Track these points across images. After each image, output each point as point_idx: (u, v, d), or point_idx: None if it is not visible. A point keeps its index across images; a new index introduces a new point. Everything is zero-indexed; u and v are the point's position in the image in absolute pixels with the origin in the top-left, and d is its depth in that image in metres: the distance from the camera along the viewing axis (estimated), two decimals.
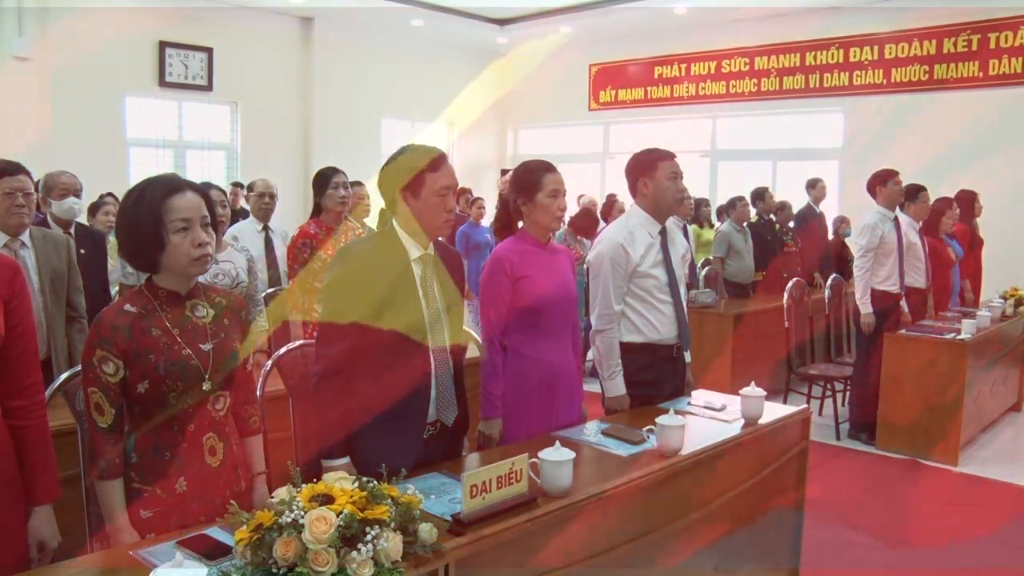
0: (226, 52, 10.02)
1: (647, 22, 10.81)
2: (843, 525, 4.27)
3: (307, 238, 4.39)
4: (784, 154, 10.59)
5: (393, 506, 1.72)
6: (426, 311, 2.47)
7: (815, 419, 3.73)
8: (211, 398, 2.12)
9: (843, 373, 6.15)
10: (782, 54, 10.41)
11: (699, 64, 11.21)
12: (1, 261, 1.99)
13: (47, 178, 4.27)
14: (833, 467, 5.29)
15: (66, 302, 3.55)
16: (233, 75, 10.08)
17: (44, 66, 8.53)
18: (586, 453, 2.61)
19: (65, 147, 7.92)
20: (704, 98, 11.20)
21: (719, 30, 10.72)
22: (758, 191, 7.95)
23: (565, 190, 2.97)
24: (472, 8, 10.86)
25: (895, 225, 5.65)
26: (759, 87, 10.66)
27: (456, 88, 12.40)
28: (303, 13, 10.63)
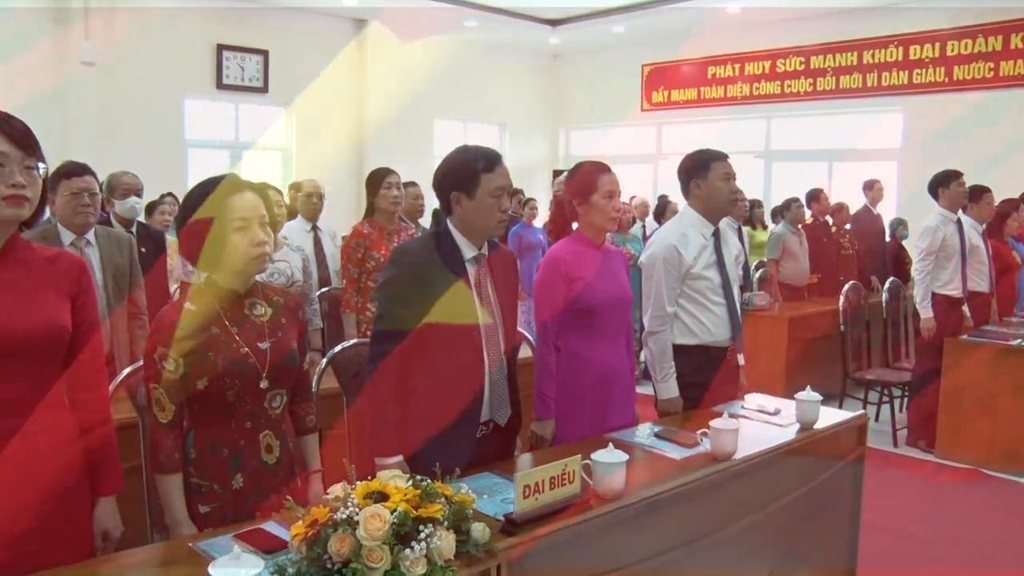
0: (281, 54, 10.16)
1: (700, 22, 10.70)
2: (901, 534, 4.19)
3: (360, 238, 4.44)
4: (840, 155, 10.41)
5: (447, 505, 1.73)
6: (480, 311, 2.48)
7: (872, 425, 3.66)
8: (268, 396, 2.15)
9: (901, 378, 6.03)
10: (839, 53, 10.23)
11: (753, 64, 11.08)
12: (69, 259, 2.04)
13: (111, 178, 4.37)
14: (891, 475, 5.19)
15: (128, 299, 3.64)
16: (288, 77, 10.22)
17: (107, 71, 8.75)
18: (638, 455, 2.59)
19: (126, 148, 8.10)
20: (758, 98, 11.06)
21: (774, 29, 10.58)
22: (813, 192, 7.83)
23: (620, 191, 2.96)
24: (524, 9, 10.87)
25: (958, 227, 5.52)
26: (815, 87, 10.49)
27: (508, 89, 12.42)
28: (357, 15, 10.74)
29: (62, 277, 1.97)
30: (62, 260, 2.01)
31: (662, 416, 3.23)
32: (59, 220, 3.42)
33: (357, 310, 4.38)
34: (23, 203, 1.83)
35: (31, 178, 1.84)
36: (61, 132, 7.76)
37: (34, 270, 1.92)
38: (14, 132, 1.83)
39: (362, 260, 4.40)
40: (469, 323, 2.45)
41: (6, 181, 1.79)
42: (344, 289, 4.49)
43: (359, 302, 4.38)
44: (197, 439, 2.11)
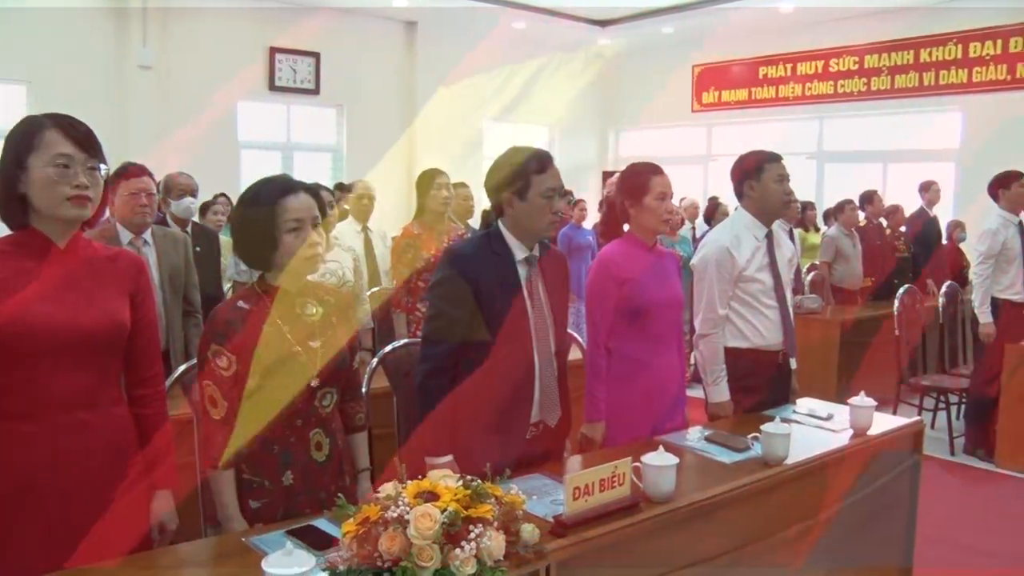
0: (333, 56, 10.27)
1: (751, 21, 10.59)
2: (958, 545, 4.09)
3: (410, 238, 4.47)
4: (895, 156, 10.21)
5: (497, 505, 1.73)
6: (531, 312, 2.48)
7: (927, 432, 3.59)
8: (318, 394, 2.18)
9: (958, 385, 5.89)
10: (894, 51, 10.03)
11: (806, 64, 10.92)
12: (128, 258, 2.09)
13: (167, 179, 4.46)
14: (947, 483, 5.08)
15: (183, 297, 3.71)
16: (339, 79, 10.32)
17: (163, 74, 8.95)
18: (689, 459, 2.57)
19: (181, 150, 8.25)
20: (811, 98, 10.90)
21: (827, 28, 10.41)
22: (867, 194, 7.69)
23: (672, 193, 2.94)
24: (573, 10, 10.85)
25: (1019, 230, 5.39)
26: (869, 86, 10.30)
27: (558, 90, 12.39)
28: (407, 17, 10.81)
29: (122, 275, 2.02)
30: (122, 259, 2.06)
31: (712, 419, 3.20)
32: (118, 220, 3.50)
33: (407, 310, 4.41)
34: (86, 203, 1.87)
35: (93, 179, 1.89)
36: (119, 134, 7.93)
37: (95, 268, 1.97)
38: (78, 135, 1.88)
39: (412, 260, 4.43)
40: (520, 324, 2.46)
41: (70, 182, 1.84)
42: (394, 289, 4.52)
43: (409, 302, 4.41)
44: None
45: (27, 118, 1.90)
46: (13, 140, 1.87)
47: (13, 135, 1.88)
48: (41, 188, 1.84)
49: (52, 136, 1.85)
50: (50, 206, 1.85)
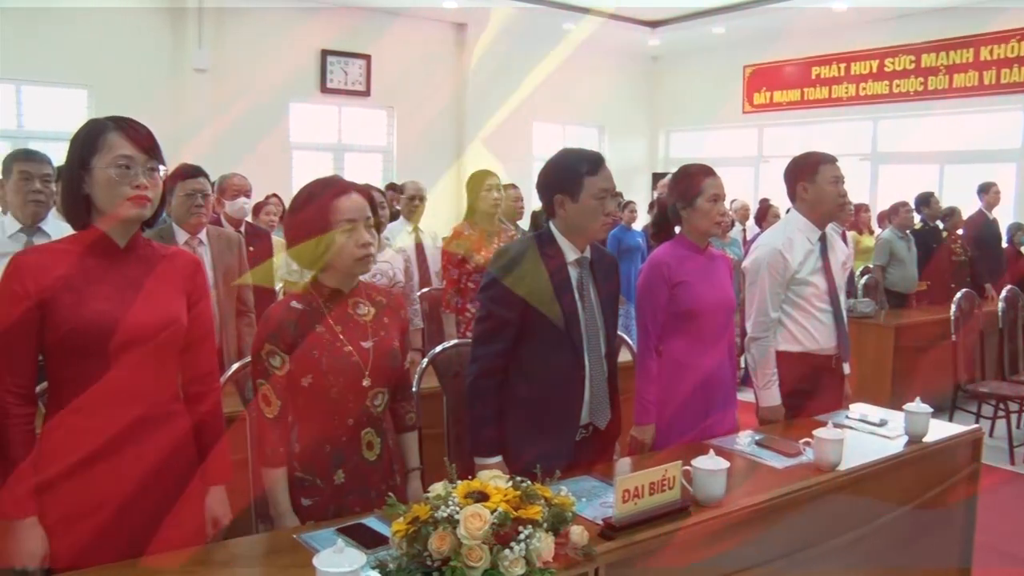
0: (383, 58, 10.36)
1: (804, 21, 10.45)
2: (1019, 559, 3.98)
3: (461, 239, 4.47)
4: (953, 157, 9.99)
5: (546, 507, 1.73)
6: (582, 314, 2.48)
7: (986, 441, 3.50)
8: (370, 394, 2.19)
9: (1018, 392, 5.74)
10: (953, 50, 9.81)
11: (860, 63, 10.74)
12: (185, 257, 2.13)
13: (221, 180, 4.53)
14: (1008, 494, 4.95)
15: (236, 297, 3.77)
16: (390, 80, 10.41)
17: (218, 76, 9.13)
18: (739, 463, 2.55)
19: (234, 151, 8.40)
20: (865, 98, 10.72)
21: (882, 27, 10.22)
22: (923, 196, 7.54)
23: (725, 195, 2.92)
24: (623, 10, 10.80)
25: None
26: (926, 85, 10.09)
27: (607, 91, 12.36)
28: (457, 19, 10.87)
29: (179, 274, 2.05)
30: (179, 258, 2.10)
31: (763, 424, 3.17)
32: (174, 220, 3.56)
33: (457, 310, 4.43)
34: (146, 203, 1.91)
35: (153, 180, 1.93)
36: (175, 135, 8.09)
37: (154, 267, 2.01)
38: (139, 137, 1.92)
39: (462, 261, 4.44)
40: (570, 326, 2.46)
41: (131, 182, 1.88)
42: (444, 290, 4.54)
43: (459, 303, 4.43)
44: (301, 434, 2.17)
45: (91, 121, 1.96)
46: (78, 142, 1.92)
47: (78, 137, 1.93)
48: (103, 188, 1.88)
49: (114, 138, 1.89)
50: (112, 206, 1.89)
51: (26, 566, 1.87)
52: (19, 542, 1.87)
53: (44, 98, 8.68)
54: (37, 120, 8.62)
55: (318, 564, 1.58)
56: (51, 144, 7.02)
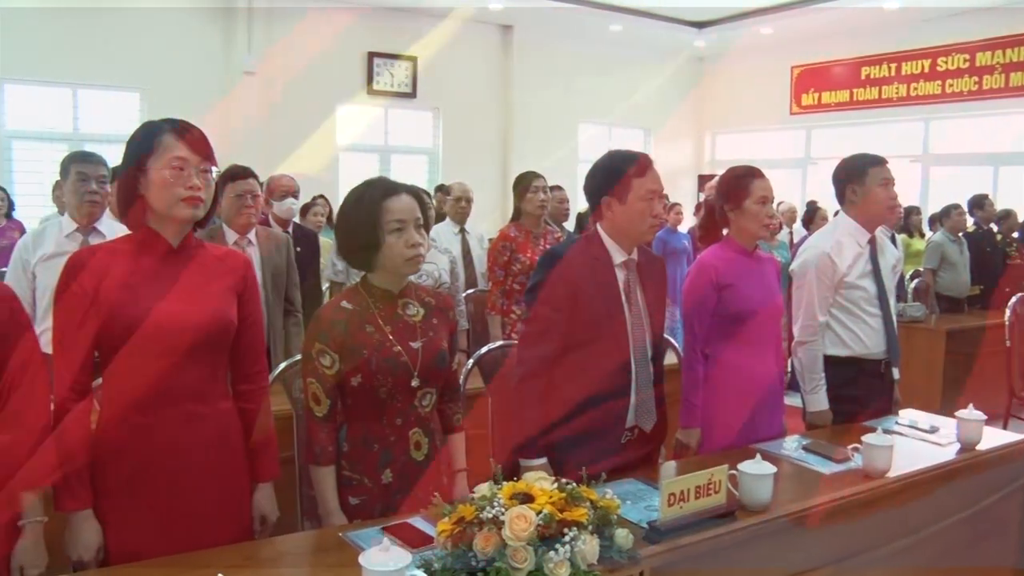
0: (430, 60, 10.43)
1: (854, 20, 10.29)
2: None
3: (507, 241, 4.50)
4: (1008, 158, 9.77)
5: (591, 509, 1.73)
6: (628, 316, 2.47)
7: None
8: (418, 394, 2.21)
9: None
10: (1010, 48, 9.58)
11: (911, 63, 10.55)
12: (236, 257, 2.16)
13: (270, 181, 4.59)
14: None
15: (284, 296, 3.81)
16: (436, 82, 10.47)
17: (267, 79, 9.26)
18: (786, 468, 2.52)
19: (282, 152, 8.52)
20: (916, 99, 10.53)
21: (935, 25, 10.03)
22: (977, 199, 7.38)
23: (773, 197, 2.89)
24: (670, 11, 10.74)
25: None
26: (980, 85, 9.89)
27: (653, 92, 12.30)
28: (503, 21, 10.89)
29: (230, 274, 2.09)
30: (230, 258, 2.14)
31: (810, 429, 3.13)
32: (224, 220, 3.61)
33: (502, 312, 4.44)
34: (199, 204, 1.95)
35: (205, 181, 1.97)
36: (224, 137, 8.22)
37: (205, 267, 2.05)
38: (192, 139, 1.96)
39: (508, 263, 4.46)
40: (617, 328, 2.45)
41: (184, 183, 1.92)
42: (490, 291, 4.56)
43: (504, 304, 4.44)
44: (350, 433, 2.19)
45: (146, 123, 2.00)
46: (134, 144, 1.97)
47: (134, 139, 1.98)
48: (158, 189, 1.92)
49: (168, 140, 1.93)
50: (166, 206, 1.93)
51: (82, 557, 1.92)
52: (75, 534, 1.92)
53: (99, 101, 8.89)
54: (92, 123, 8.84)
55: (364, 562, 1.59)
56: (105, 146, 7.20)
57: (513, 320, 4.40)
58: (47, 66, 8.36)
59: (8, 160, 8.43)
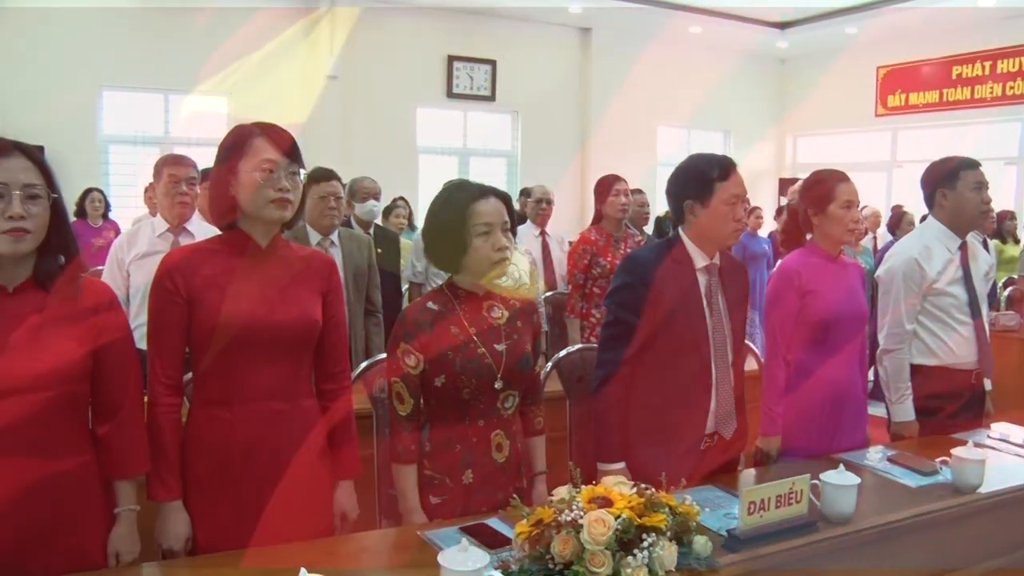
0: (509, 63, 10.48)
1: (945, 18, 9.96)
2: None
3: (587, 244, 4.50)
4: None
5: (670, 515, 1.72)
6: (710, 321, 2.44)
7: None
8: (501, 396, 2.22)
9: None
10: None
11: (1007, 61, 10.15)
12: (321, 258, 2.21)
13: (352, 183, 4.68)
14: None
15: (365, 297, 3.88)
16: (515, 85, 10.52)
17: (348, 83, 9.43)
18: (869, 479, 2.45)
19: (363, 155, 8.67)
20: (1012, 99, 10.13)
21: None
22: None
23: (859, 201, 2.83)
24: (752, 12, 10.58)
25: None
26: None
27: (733, 94, 12.11)
28: (582, 23, 10.87)
29: (315, 275, 2.13)
30: (315, 259, 2.18)
31: (895, 440, 3.04)
32: (307, 221, 3.69)
33: (581, 315, 4.44)
34: (287, 206, 2.00)
35: (294, 183, 2.02)
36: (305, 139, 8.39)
37: (292, 267, 2.10)
38: (281, 141, 2.01)
39: (588, 266, 4.46)
40: (698, 333, 2.43)
41: (274, 185, 1.97)
42: (569, 294, 4.56)
43: (583, 307, 4.44)
44: (432, 433, 2.21)
45: (238, 127, 2.06)
46: (226, 147, 2.03)
47: (226, 142, 2.04)
48: (248, 191, 1.98)
49: (259, 143, 1.99)
50: (256, 208, 1.99)
51: (171, 546, 1.99)
52: (166, 524, 1.99)
53: (188, 106, 9.18)
54: (182, 127, 9.13)
55: (443, 562, 1.61)
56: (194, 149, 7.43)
57: (592, 323, 4.40)
58: (141, 73, 8.69)
59: (105, 163, 8.78)
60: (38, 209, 1.75)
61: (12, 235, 1.72)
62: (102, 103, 8.77)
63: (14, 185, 1.72)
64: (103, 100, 8.77)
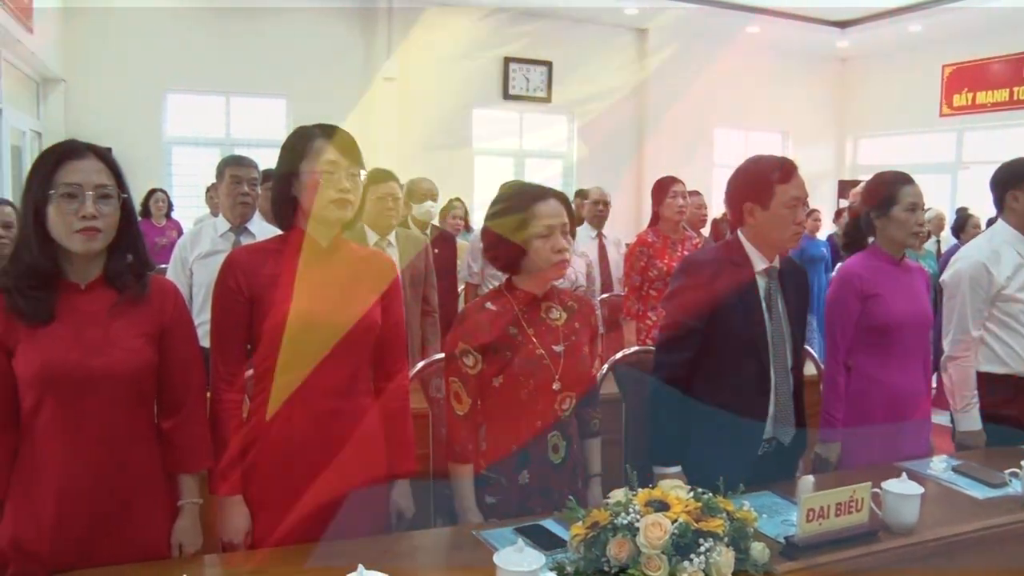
0: (565, 65, 10.48)
1: (1014, 14, 9.65)
2: None
3: (644, 246, 4.47)
4: None
5: (728, 520, 1.70)
6: (769, 325, 2.41)
7: None
8: (559, 397, 2.23)
9: None
10: None
11: None
12: (381, 259, 2.24)
13: (410, 184, 4.71)
14: None
15: (422, 297, 3.90)
16: (571, 87, 10.50)
17: (405, 84, 9.53)
18: (933, 489, 2.38)
19: (420, 156, 8.74)
20: None
21: None
22: None
23: (924, 203, 2.77)
24: (812, 11, 10.42)
25: None
26: None
27: (792, 95, 11.94)
28: (638, 24, 10.82)
29: (375, 275, 2.16)
30: (375, 259, 2.21)
31: (961, 449, 2.96)
32: (365, 222, 3.72)
33: (637, 317, 4.42)
34: (348, 206, 2.03)
35: (354, 184, 2.04)
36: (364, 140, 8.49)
37: (352, 267, 2.12)
38: (342, 143, 2.04)
39: (645, 268, 4.44)
40: (756, 337, 2.40)
41: (335, 186, 2.00)
42: (625, 296, 4.55)
43: (640, 310, 4.42)
44: (489, 433, 2.23)
45: (299, 129, 2.09)
46: (288, 148, 2.07)
47: (288, 144, 2.07)
48: (310, 192, 2.01)
49: (320, 145, 2.02)
50: (317, 208, 2.02)
51: (232, 539, 2.03)
52: (227, 518, 2.03)
53: (248, 108, 9.36)
54: (242, 128, 9.31)
55: (499, 562, 1.61)
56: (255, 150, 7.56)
57: (648, 326, 4.38)
58: (203, 76, 8.90)
59: (168, 164, 9.01)
60: (109, 209, 1.81)
61: (85, 234, 1.77)
62: (166, 105, 9.00)
63: (87, 186, 1.78)
64: (167, 103, 9.00)
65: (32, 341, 1.78)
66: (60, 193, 1.76)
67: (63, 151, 1.81)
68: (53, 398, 1.79)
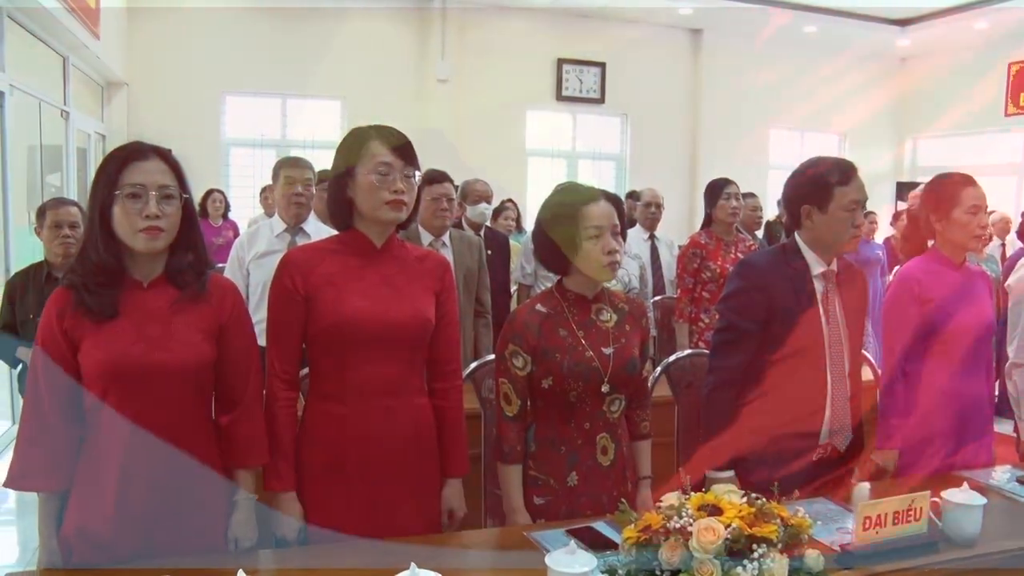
0: (618, 66, 10.45)
1: None
2: None
3: (697, 248, 4.44)
4: None
5: (782, 527, 1.68)
6: (826, 329, 2.38)
7: None
8: (608, 400, 2.22)
9: None
10: None
11: None
12: (435, 259, 2.25)
13: (464, 185, 4.74)
14: None
15: (475, 298, 3.92)
16: (624, 87, 10.48)
17: (458, 86, 9.59)
18: (995, 500, 2.32)
19: (473, 157, 8.76)
20: None
21: None
22: None
23: (987, 206, 2.69)
24: (871, 10, 10.23)
25: None
26: None
27: (848, 95, 11.72)
28: (693, 24, 10.75)
29: (429, 275, 2.17)
30: (429, 259, 2.22)
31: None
32: (420, 222, 3.76)
33: (690, 320, 4.39)
34: (402, 207, 2.05)
35: (409, 184, 2.06)
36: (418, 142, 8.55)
37: (406, 267, 2.14)
38: (397, 145, 2.06)
39: (698, 270, 4.40)
40: (813, 341, 2.37)
41: (389, 187, 2.02)
42: (678, 298, 4.52)
43: (692, 312, 4.39)
44: (538, 434, 2.23)
45: (355, 130, 2.12)
46: (343, 150, 2.09)
47: (343, 145, 2.10)
48: (365, 192, 2.03)
49: (375, 146, 2.04)
50: (371, 209, 2.04)
51: (285, 535, 2.06)
52: (280, 513, 2.06)
53: (304, 110, 9.50)
54: (298, 130, 9.45)
55: (551, 563, 1.61)
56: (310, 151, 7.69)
57: (701, 328, 4.34)
58: (260, 78, 9.06)
59: (226, 165, 9.20)
60: (171, 209, 1.85)
61: (148, 233, 1.82)
62: (224, 107, 9.17)
63: (151, 186, 1.82)
64: (226, 104, 9.17)
65: (97, 336, 1.83)
66: (125, 194, 1.81)
67: (128, 152, 1.86)
68: (116, 391, 1.84)
